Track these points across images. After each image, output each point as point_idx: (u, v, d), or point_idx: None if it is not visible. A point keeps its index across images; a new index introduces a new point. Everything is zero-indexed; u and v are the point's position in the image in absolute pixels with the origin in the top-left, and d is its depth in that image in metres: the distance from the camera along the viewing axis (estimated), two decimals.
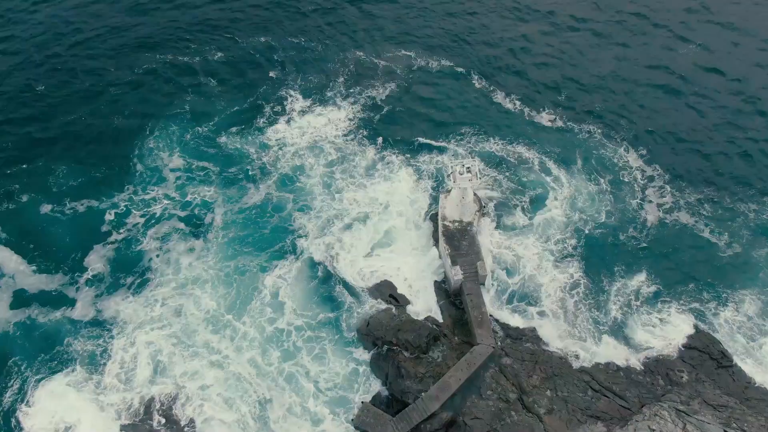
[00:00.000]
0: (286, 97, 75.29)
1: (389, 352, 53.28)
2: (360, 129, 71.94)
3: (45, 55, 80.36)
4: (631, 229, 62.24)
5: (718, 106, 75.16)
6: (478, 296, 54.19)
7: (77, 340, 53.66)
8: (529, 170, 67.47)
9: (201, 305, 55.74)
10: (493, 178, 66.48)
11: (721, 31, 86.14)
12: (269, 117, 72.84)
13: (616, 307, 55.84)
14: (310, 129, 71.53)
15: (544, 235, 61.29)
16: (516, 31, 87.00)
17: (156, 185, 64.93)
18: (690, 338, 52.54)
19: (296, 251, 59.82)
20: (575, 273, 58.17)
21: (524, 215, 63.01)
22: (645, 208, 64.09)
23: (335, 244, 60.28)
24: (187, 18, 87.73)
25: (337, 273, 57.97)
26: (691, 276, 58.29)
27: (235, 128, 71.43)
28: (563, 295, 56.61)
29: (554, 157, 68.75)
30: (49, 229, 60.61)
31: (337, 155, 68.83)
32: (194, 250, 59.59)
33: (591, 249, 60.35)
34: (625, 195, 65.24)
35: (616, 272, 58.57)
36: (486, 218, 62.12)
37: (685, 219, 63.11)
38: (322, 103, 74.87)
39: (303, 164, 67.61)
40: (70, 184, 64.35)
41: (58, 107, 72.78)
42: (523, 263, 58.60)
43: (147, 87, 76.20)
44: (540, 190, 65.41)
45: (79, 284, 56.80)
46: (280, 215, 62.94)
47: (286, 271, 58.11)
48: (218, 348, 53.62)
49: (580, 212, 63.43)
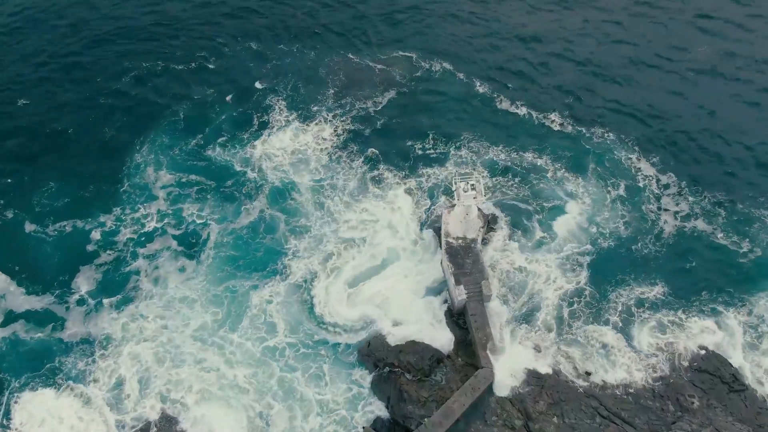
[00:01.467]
0: (277, 109, 72.65)
1: (391, 374, 51.71)
2: (355, 141, 69.28)
3: (28, 66, 77.76)
4: (648, 238, 60.54)
5: (732, 106, 73.57)
6: (483, 317, 52.58)
7: (66, 358, 52.25)
8: (540, 178, 65.69)
9: (191, 324, 54.03)
10: (502, 185, 64.78)
11: (737, 30, 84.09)
12: (261, 129, 70.27)
13: (630, 319, 54.30)
14: (302, 142, 68.97)
15: (556, 245, 59.61)
16: (521, 32, 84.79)
17: (145, 202, 62.60)
18: (701, 360, 51.02)
19: (288, 273, 57.57)
20: (586, 283, 56.69)
21: (536, 225, 61.32)
22: (661, 216, 62.38)
23: (326, 268, 58.07)
24: (175, 24, 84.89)
25: (329, 300, 55.90)
26: (709, 285, 56.79)
27: (226, 141, 68.88)
28: (574, 307, 55.17)
29: (565, 164, 67.02)
30: (36, 246, 58.74)
31: (330, 170, 66.21)
32: (185, 270, 57.57)
33: (604, 259, 58.68)
34: (640, 202, 63.42)
35: (631, 282, 56.97)
36: (498, 229, 60.45)
37: (701, 226, 61.45)
38: (313, 115, 72.07)
39: (294, 180, 65.07)
40: (57, 200, 62.18)
41: (42, 120, 70.35)
42: (534, 278, 57.00)
43: (134, 98, 73.60)
44: (552, 198, 63.63)
45: (68, 303, 55.04)
46: (272, 236, 60.48)
47: (278, 293, 56.12)
48: (210, 367, 51.94)
49: (594, 222, 61.71)
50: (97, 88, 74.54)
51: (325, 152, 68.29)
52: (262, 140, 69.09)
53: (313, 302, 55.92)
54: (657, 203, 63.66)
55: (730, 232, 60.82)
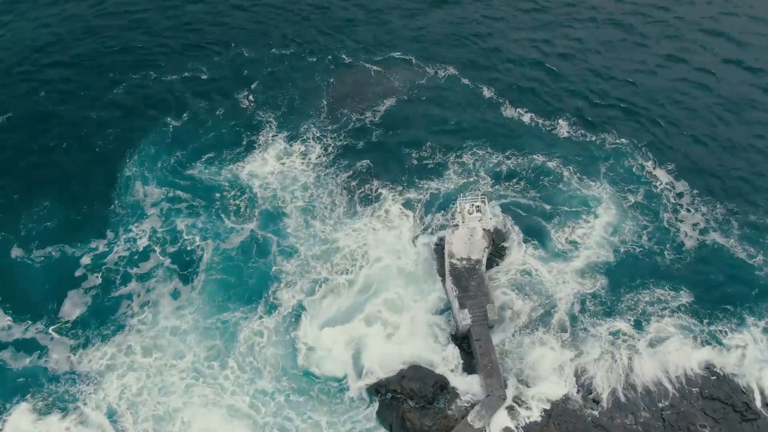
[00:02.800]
0: (268, 124, 69.26)
1: (393, 401, 50.16)
2: (350, 156, 66.08)
3: (10, 77, 73.89)
4: (664, 249, 59.22)
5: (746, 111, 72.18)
6: (488, 342, 50.86)
7: (54, 386, 50.16)
8: (553, 184, 64.07)
9: (181, 355, 51.71)
10: (511, 190, 63.28)
11: (753, 31, 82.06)
12: (252, 144, 66.99)
13: (643, 334, 52.98)
14: (294, 158, 65.96)
15: (570, 259, 58.14)
16: (528, 35, 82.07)
17: (136, 221, 59.64)
18: (713, 387, 49.57)
19: (278, 305, 54.75)
20: (600, 291, 55.72)
21: (549, 232, 59.98)
22: (677, 226, 60.98)
23: (316, 295, 55.52)
24: (163, 32, 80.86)
25: (319, 339, 52.81)
26: (727, 299, 55.59)
27: (215, 158, 65.56)
28: (585, 316, 54.20)
29: (578, 172, 65.21)
30: (23, 270, 56.17)
31: (322, 188, 63.23)
32: (177, 296, 55.03)
33: (618, 271, 57.36)
34: (655, 212, 62.00)
35: (646, 294, 55.74)
36: (511, 242, 58.94)
37: (717, 236, 60.18)
38: (306, 130, 68.72)
39: (285, 198, 62.09)
40: (46, 221, 59.25)
41: (29, 135, 67.14)
42: (545, 284, 55.93)
43: (124, 111, 70.10)
44: (564, 207, 61.95)
45: (54, 328, 52.84)
46: (263, 260, 57.48)
47: (267, 328, 53.37)
48: (202, 398, 49.81)
49: (610, 233, 60.15)
50: (85, 101, 70.91)
51: (318, 168, 65.37)
52: (254, 156, 66.00)
53: (298, 343, 52.77)
54: (673, 212, 62.18)
55: (745, 244, 59.52)
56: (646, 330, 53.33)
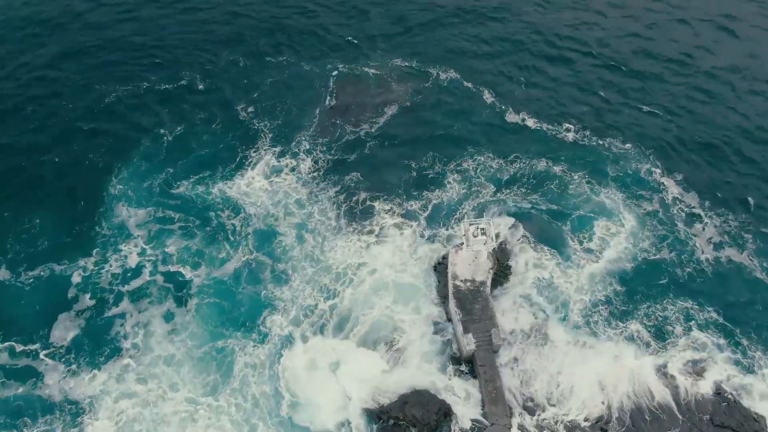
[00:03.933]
0: (263, 138, 67.28)
1: (395, 428, 48.84)
2: (345, 170, 64.23)
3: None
4: (680, 260, 58.31)
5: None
6: (493, 368, 49.35)
7: (45, 415, 48.52)
8: (561, 190, 63.02)
9: (174, 385, 49.92)
10: (522, 195, 62.38)
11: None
12: (245, 160, 65.08)
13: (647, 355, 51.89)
14: (288, 174, 64.15)
15: (579, 269, 57.19)
16: (531, 38, 79.73)
17: (124, 241, 57.76)
18: (724, 414, 48.20)
19: (269, 333, 52.85)
20: (613, 300, 55.19)
21: (561, 239, 59.20)
22: (690, 238, 59.90)
23: (308, 323, 53.69)
24: (156, 41, 78.40)
25: (310, 380, 50.62)
26: (739, 320, 54.34)
27: (209, 176, 63.48)
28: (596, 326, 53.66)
29: (585, 178, 64.04)
30: (14, 293, 54.39)
31: (317, 205, 61.40)
32: (170, 319, 53.26)
33: (629, 284, 56.42)
34: (664, 221, 60.93)
35: (660, 309, 54.86)
36: (524, 250, 58.13)
37: (728, 249, 59.16)
38: (301, 143, 66.71)
39: (278, 216, 60.18)
40: (32, 242, 57.45)
41: (16, 150, 65.08)
42: (558, 292, 55.37)
43: (114, 123, 68.05)
44: (572, 213, 61.15)
45: (47, 354, 51.14)
46: (254, 286, 55.47)
47: (258, 357, 51.51)
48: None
49: (619, 243, 59.04)
50: (73, 114, 68.71)
51: (313, 182, 63.56)
52: (248, 172, 64.11)
53: (285, 381, 50.49)
54: (682, 222, 61.14)
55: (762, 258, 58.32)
56: (659, 349, 52.29)
